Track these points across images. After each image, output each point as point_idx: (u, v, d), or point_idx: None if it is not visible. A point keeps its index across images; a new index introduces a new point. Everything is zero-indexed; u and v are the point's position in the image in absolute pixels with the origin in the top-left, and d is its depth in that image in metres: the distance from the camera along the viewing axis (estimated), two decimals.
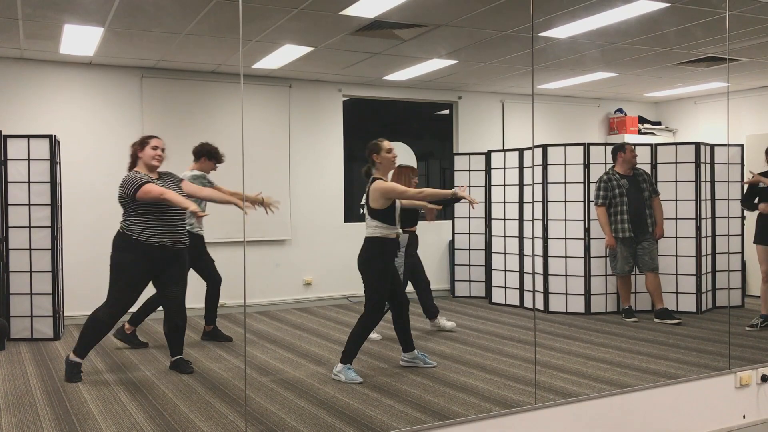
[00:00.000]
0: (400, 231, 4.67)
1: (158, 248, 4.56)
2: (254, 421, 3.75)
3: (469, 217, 7.91)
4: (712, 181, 7.08)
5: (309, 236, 7.71)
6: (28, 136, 5.88)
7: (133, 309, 5.16)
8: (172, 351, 4.86)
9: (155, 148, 4.70)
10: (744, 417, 4.49)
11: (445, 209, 7.56)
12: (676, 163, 6.96)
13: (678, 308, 6.79)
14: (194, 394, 4.26)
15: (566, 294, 6.98)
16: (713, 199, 7.08)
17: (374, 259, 4.56)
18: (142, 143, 4.74)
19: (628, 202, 6.47)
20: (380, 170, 4.61)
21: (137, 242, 4.53)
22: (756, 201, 6.06)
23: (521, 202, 7.35)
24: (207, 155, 5.67)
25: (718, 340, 5.53)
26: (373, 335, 5.89)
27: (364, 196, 4.65)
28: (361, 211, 4.74)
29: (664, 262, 6.81)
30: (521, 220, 7.34)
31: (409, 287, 6.06)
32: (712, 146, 7.13)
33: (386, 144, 4.61)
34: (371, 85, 8.07)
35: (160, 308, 5.05)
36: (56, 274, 5.90)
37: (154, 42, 6.04)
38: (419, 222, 6.01)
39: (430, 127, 9.02)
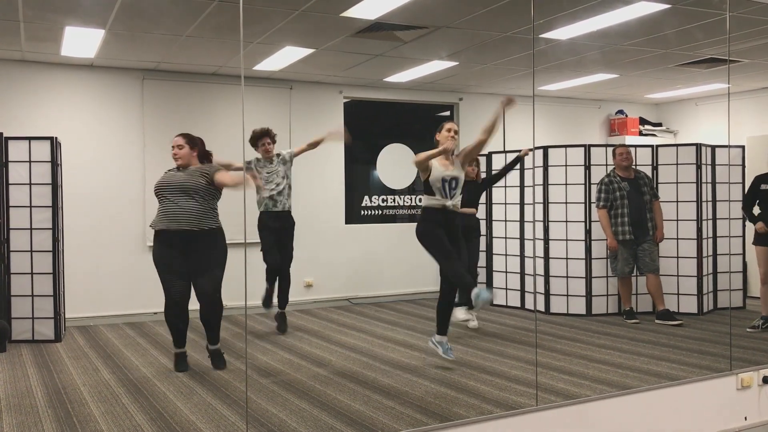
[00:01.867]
0: (449, 203, 4.67)
1: (162, 233, 4.79)
2: (255, 423, 3.75)
3: None
4: (713, 183, 7.08)
5: (310, 238, 7.70)
6: (30, 138, 5.88)
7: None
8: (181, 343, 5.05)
9: (173, 147, 4.91)
10: (745, 419, 4.49)
11: None
12: (677, 164, 6.96)
13: (679, 310, 6.78)
14: (195, 396, 4.26)
15: (567, 295, 6.98)
16: (714, 201, 7.07)
17: (421, 226, 4.73)
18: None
19: (628, 204, 6.47)
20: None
21: (156, 232, 4.83)
22: (756, 209, 6.05)
23: (522, 204, 7.34)
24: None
25: (720, 341, 5.53)
26: (472, 323, 6.13)
27: None
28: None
29: (665, 263, 6.81)
30: (522, 221, 7.33)
31: None
32: (713, 147, 7.12)
33: (447, 124, 4.88)
34: (372, 87, 8.08)
35: (160, 309, 5.04)
36: (57, 276, 5.90)
37: (155, 44, 6.05)
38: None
39: (431, 128, 8.98)
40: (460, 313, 6.18)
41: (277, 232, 5.97)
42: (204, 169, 4.89)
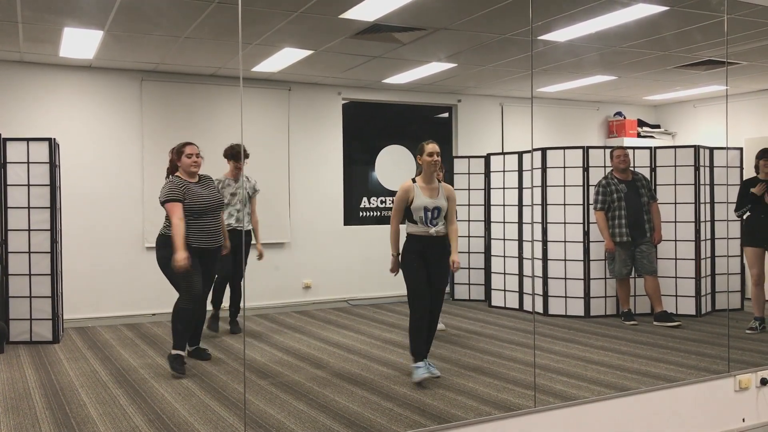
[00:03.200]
0: (432, 230, 4.58)
1: (195, 249, 4.85)
2: (253, 425, 3.75)
3: (468, 221, 7.91)
4: (711, 184, 7.09)
5: (308, 239, 7.71)
6: (28, 139, 5.87)
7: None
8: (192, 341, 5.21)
9: (189, 155, 4.95)
10: (743, 420, 4.49)
11: None
12: (675, 166, 6.97)
13: (677, 311, 6.79)
14: (193, 397, 4.26)
15: (565, 297, 6.98)
16: (712, 202, 7.08)
17: (403, 255, 4.66)
18: (178, 152, 4.98)
19: (626, 206, 6.47)
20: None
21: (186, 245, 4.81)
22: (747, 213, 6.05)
23: (520, 205, 7.35)
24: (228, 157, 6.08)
25: (718, 343, 5.53)
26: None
27: None
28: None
29: (663, 265, 6.82)
30: (520, 223, 7.34)
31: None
32: (711, 149, 7.13)
33: (429, 147, 4.70)
34: (371, 89, 8.08)
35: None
36: (55, 277, 5.89)
37: (154, 45, 6.05)
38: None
39: (429, 130, 9.01)
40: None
41: (233, 248, 5.82)
42: (214, 185, 5.18)
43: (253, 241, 6.15)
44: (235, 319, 6.25)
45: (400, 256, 4.67)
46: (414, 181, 4.70)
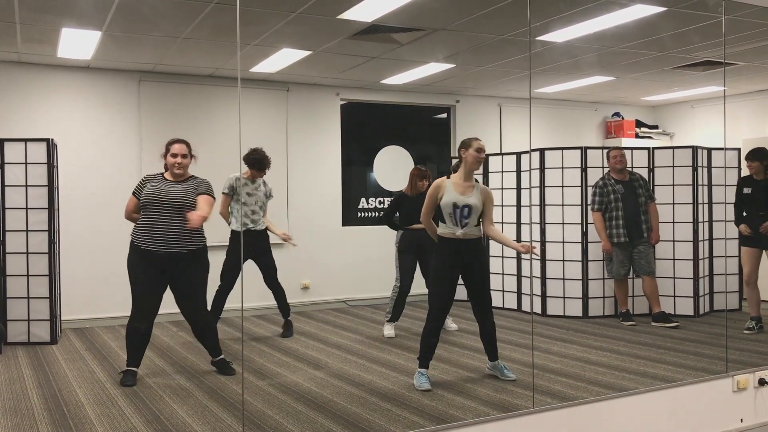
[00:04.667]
0: (459, 231, 4.40)
1: (147, 252, 4.49)
2: (252, 425, 3.75)
3: None
4: (709, 185, 7.10)
5: (306, 240, 7.69)
6: (26, 140, 5.87)
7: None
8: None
9: (174, 155, 4.55)
10: (741, 420, 4.50)
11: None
12: (673, 166, 6.98)
13: (675, 312, 6.79)
14: (192, 398, 4.25)
15: (564, 297, 6.98)
16: (710, 203, 7.09)
17: (434, 258, 4.53)
18: (166, 148, 4.63)
19: (623, 207, 6.48)
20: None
21: (135, 246, 4.56)
22: (743, 214, 6.08)
23: (519, 206, 7.35)
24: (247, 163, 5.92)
25: (716, 343, 5.54)
26: (453, 325, 6.04)
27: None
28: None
29: (661, 265, 6.82)
30: (519, 223, 7.34)
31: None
32: (709, 150, 7.14)
33: (478, 142, 4.52)
34: (369, 89, 8.08)
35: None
36: (53, 278, 5.89)
37: (152, 46, 6.05)
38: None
39: (427, 130, 9.02)
40: (387, 329, 6.09)
41: (254, 250, 5.90)
42: (196, 184, 4.62)
43: (274, 235, 6.05)
44: (287, 320, 6.10)
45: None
46: (448, 177, 4.52)
